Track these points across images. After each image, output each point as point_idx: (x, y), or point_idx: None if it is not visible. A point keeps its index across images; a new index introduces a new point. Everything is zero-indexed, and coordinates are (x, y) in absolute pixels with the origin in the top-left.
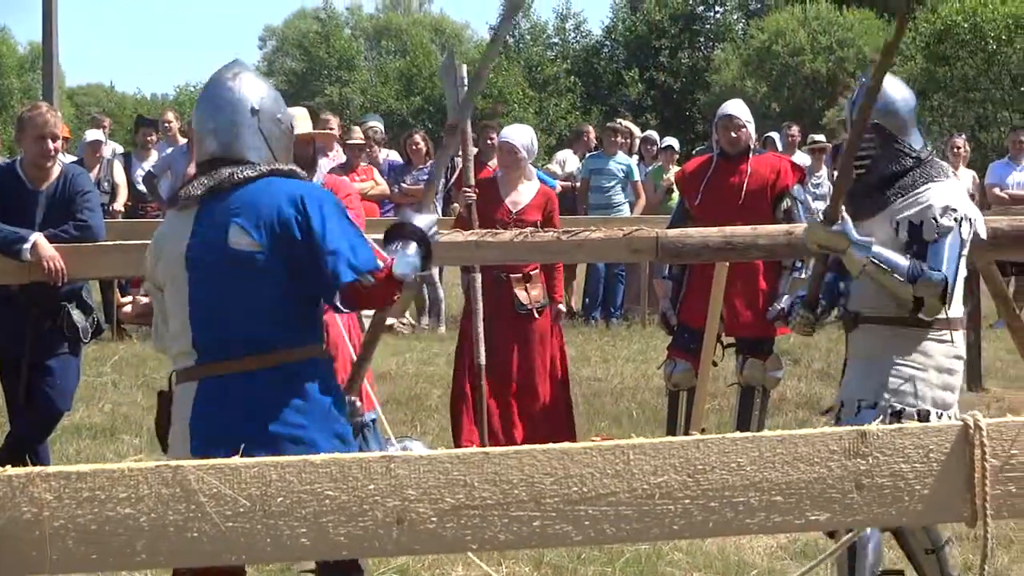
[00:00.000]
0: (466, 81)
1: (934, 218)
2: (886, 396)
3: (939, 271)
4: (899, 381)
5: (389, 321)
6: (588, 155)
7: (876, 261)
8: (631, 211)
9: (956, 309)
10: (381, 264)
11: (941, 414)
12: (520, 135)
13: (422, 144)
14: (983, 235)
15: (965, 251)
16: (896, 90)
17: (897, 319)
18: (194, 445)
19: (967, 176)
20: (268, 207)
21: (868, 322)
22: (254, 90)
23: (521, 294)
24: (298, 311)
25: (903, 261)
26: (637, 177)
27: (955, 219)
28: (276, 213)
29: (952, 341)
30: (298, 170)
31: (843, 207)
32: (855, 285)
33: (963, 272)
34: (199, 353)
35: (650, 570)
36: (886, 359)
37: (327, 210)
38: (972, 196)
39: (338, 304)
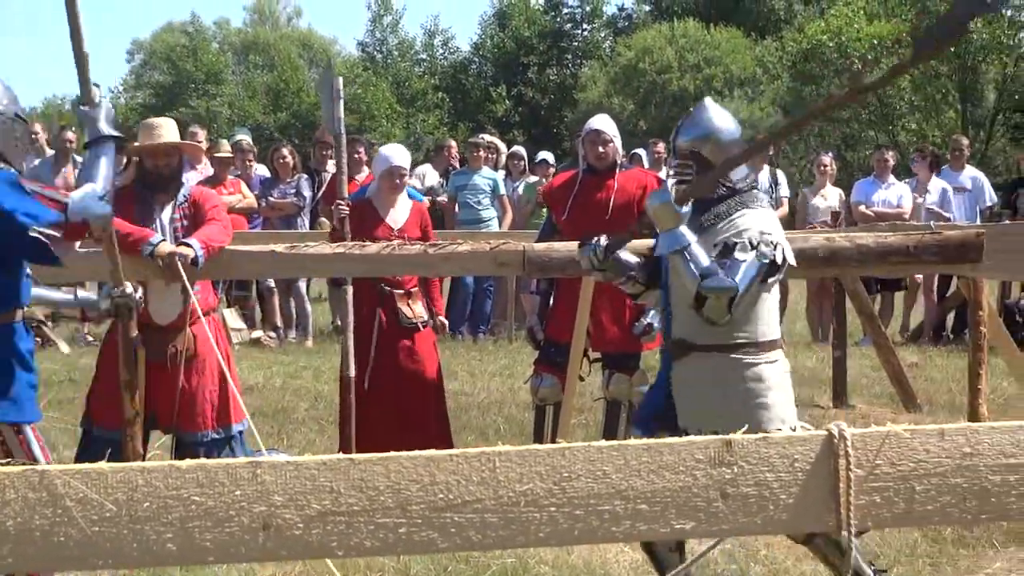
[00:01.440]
0: (342, 94)
1: (749, 240)
2: (729, 423)
3: (733, 281)
4: (739, 408)
5: (256, 334)
6: (454, 172)
7: (686, 253)
8: (499, 226)
9: (775, 330)
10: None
11: (794, 427)
12: (405, 157)
13: (289, 158)
14: (792, 262)
15: (779, 276)
16: (720, 120)
17: (727, 346)
18: None
19: (834, 194)
20: None
21: (697, 350)
22: None
23: (405, 308)
24: None
25: (705, 260)
26: (503, 192)
27: (768, 243)
28: None
29: (778, 361)
30: None
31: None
32: (680, 311)
33: (775, 295)
34: None
35: None
36: (722, 387)
37: None
38: (837, 214)
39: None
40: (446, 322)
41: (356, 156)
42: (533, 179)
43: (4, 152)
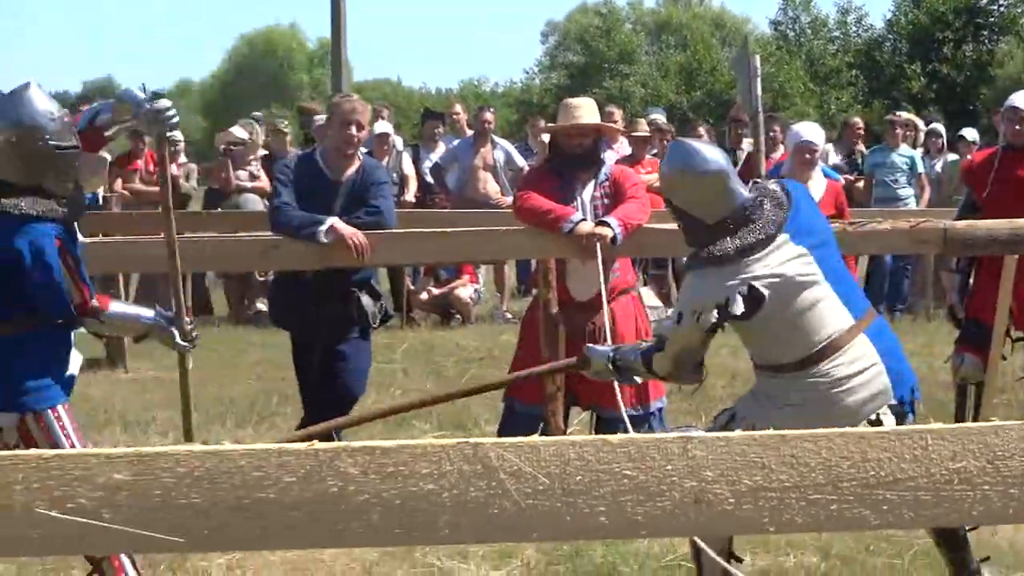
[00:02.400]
0: (759, 71)
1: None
2: None
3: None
4: None
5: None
6: (871, 149)
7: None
8: (917, 204)
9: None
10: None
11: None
12: (818, 134)
13: (706, 137)
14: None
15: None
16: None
17: None
18: None
19: None
20: None
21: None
22: None
23: None
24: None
25: None
26: (922, 169)
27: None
28: None
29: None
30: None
31: None
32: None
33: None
34: None
35: (939, 562)
36: None
37: None
38: None
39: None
40: None
41: (771, 134)
42: (953, 157)
43: (44, 183)
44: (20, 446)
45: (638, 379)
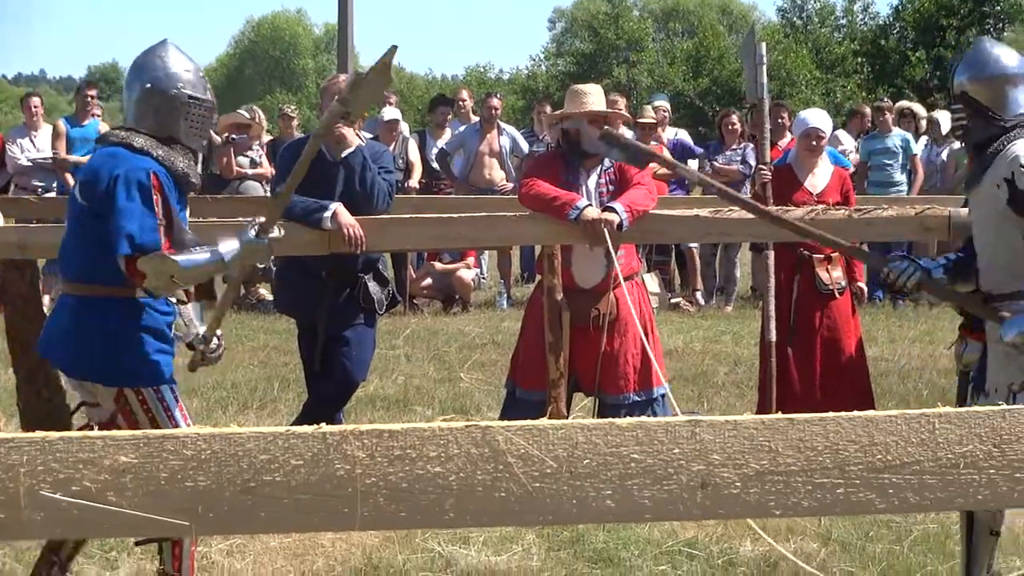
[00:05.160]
0: (765, 59)
1: (1021, 166)
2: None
3: None
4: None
5: (675, 300)
6: (864, 138)
7: None
8: (909, 190)
9: None
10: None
11: None
12: (824, 121)
13: (738, 125)
14: None
15: None
16: (990, 55)
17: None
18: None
19: None
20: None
21: (1000, 300)
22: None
23: (823, 274)
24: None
25: None
26: (915, 151)
27: None
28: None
29: None
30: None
31: None
32: (984, 261)
33: None
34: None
35: (939, 548)
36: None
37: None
38: None
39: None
40: (865, 288)
41: (779, 121)
42: (959, 144)
43: (175, 134)
44: (121, 424)
45: None
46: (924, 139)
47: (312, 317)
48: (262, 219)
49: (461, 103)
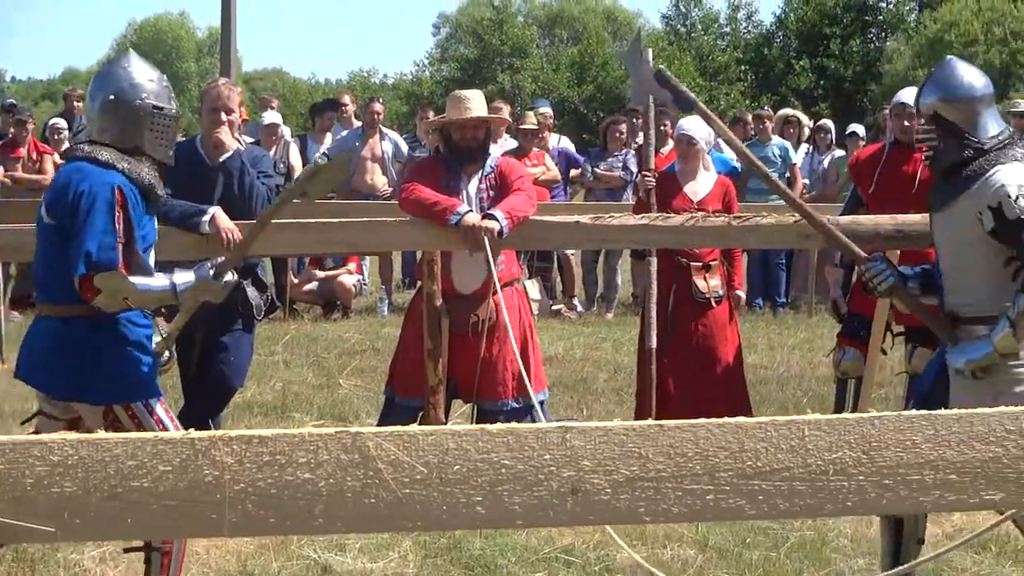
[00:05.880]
0: (651, 65)
1: (1008, 196)
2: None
3: None
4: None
5: (556, 306)
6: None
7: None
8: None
9: None
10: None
11: None
12: (698, 127)
13: (625, 132)
14: None
15: None
16: (962, 76)
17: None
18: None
19: None
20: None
21: (968, 323)
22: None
23: (700, 282)
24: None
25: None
26: (794, 160)
27: None
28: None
29: None
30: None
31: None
32: (951, 282)
33: None
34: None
35: (815, 555)
36: (1000, 367)
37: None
38: None
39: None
40: (743, 295)
41: (662, 129)
42: (840, 153)
43: (141, 145)
44: None
45: None
46: (804, 147)
47: (189, 324)
48: (220, 259)
49: (344, 108)
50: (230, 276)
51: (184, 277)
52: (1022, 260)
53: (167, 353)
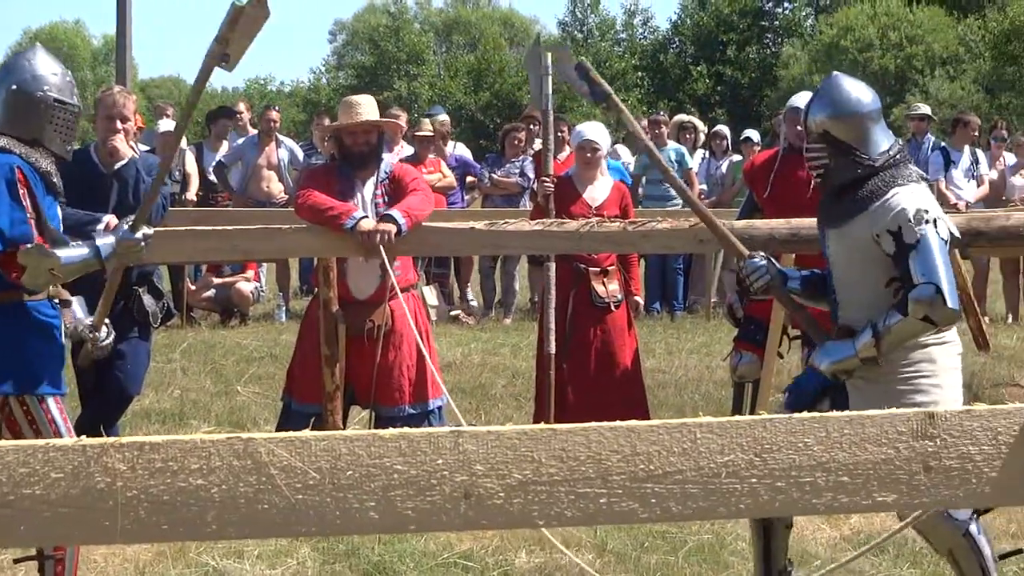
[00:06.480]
0: (551, 69)
1: (909, 221)
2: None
3: (928, 282)
4: (916, 396)
5: (454, 312)
6: (639, 152)
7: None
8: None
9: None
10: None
11: None
12: (600, 133)
13: (523, 138)
14: (956, 234)
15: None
16: (849, 92)
17: None
18: None
19: None
20: None
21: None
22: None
23: (598, 287)
24: None
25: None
26: (691, 165)
27: (927, 220)
28: None
29: (951, 341)
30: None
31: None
32: (844, 296)
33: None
34: None
35: (713, 559)
36: (894, 375)
37: None
38: None
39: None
40: (641, 301)
41: (559, 135)
42: (737, 158)
43: (40, 137)
44: (5, 434)
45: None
46: (700, 152)
47: None
48: (132, 217)
49: (239, 115)
50: (147, 230)
51: (105, 239)
52: (903, 282)
53: (105, 329)
